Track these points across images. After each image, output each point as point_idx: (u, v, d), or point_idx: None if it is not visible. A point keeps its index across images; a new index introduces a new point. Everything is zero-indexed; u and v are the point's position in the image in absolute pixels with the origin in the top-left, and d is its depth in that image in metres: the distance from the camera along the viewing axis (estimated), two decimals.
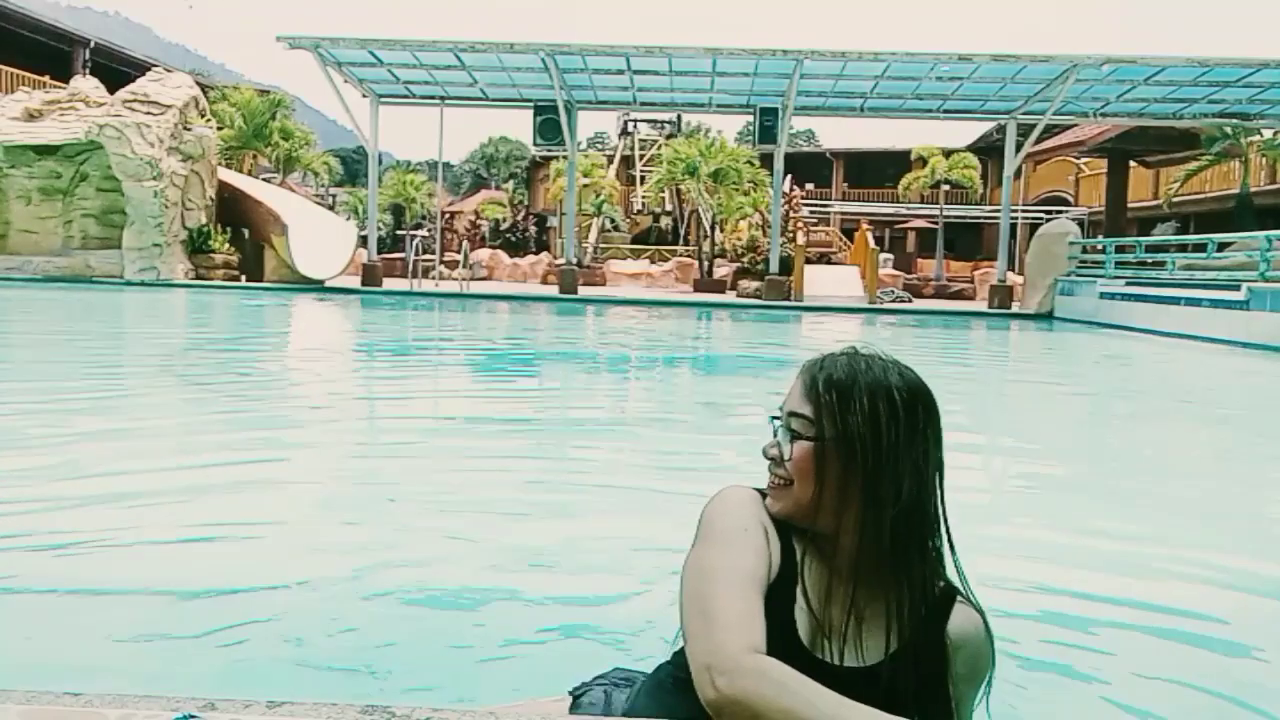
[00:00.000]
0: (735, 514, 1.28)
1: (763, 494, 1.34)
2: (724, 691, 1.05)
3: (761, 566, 1.23)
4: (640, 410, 7.35)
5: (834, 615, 1.28)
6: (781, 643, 1.17)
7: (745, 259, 26.08)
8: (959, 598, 1.34)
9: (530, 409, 7.02)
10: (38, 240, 20.94)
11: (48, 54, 27.89)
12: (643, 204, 37.85)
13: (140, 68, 27.24)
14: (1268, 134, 24.13)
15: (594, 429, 6.09)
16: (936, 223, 32.71)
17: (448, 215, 39.02)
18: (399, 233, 33.41)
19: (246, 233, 22.46)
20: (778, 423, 1.33)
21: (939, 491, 1.30)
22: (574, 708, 1.50)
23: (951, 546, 1.33)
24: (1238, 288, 13.57)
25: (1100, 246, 20.22)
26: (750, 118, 23.39)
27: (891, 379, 1.29)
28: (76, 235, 21.10)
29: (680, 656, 1.34)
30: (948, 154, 32.36)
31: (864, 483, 1.26)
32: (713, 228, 28.13)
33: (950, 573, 1.35)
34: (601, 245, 34.97)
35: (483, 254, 31.66)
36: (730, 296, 24.14)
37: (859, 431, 1.26)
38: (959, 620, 1.32)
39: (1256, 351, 12.53)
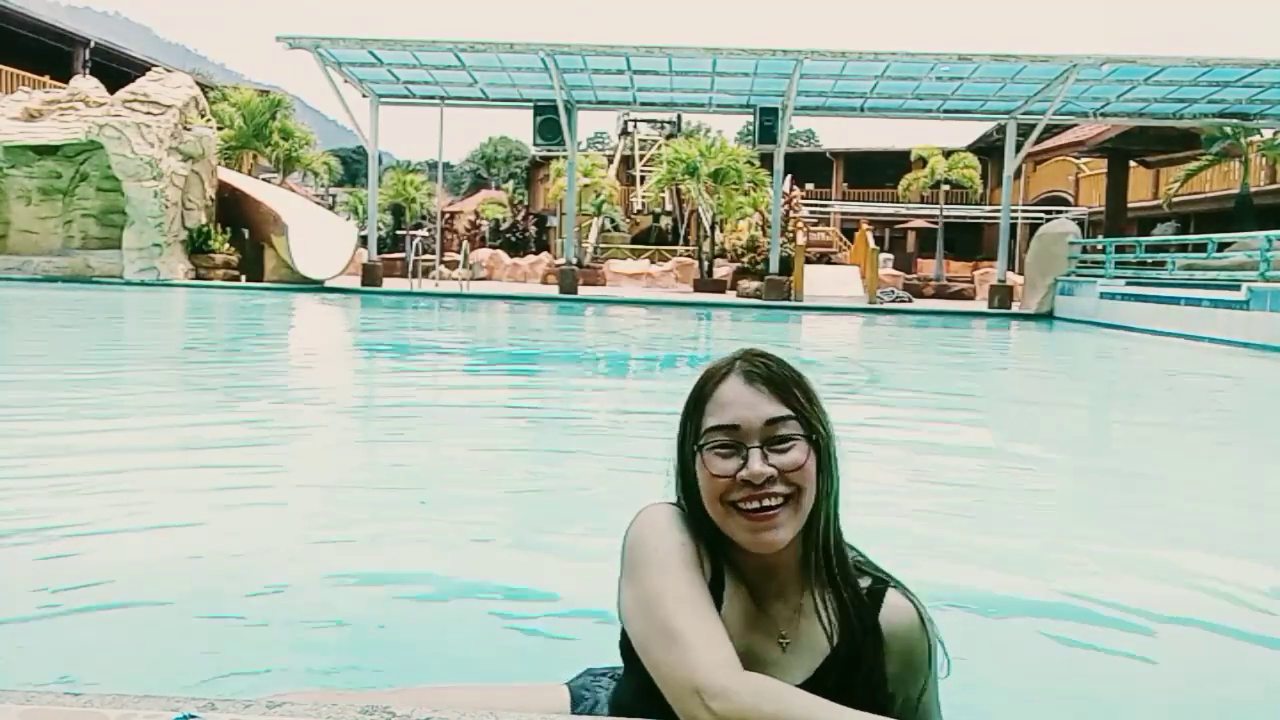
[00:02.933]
0: (667, 533, 1.22)
1: (682, 509, 1.28)
2: (720, 714, 1.01)
3: (703, 581, 1.19)
4: (639, 408, 7.34)
5: (755, 641, 1.24)
6: None
7: (745, 259, 26.09)
8: (891, 588, 1.30)
9: (531, 408, 7.01)
10: (38, 240, 20.96)
11: (48, 54, 27.90)
12: (643, 204, 37.86)
13: (140, 68, 27.26)
14: (1268, 134, 24.13)
15: (596, 427, 6.09)
16: (936, 223, 32.72)
17: (448, 215, 39.05)
18: (399, 233, 33.43)
19: (246, 233, 22.47)
20: (718, 440, 1.22)
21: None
22: (574, 705, 1.48)
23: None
24: (1238, 288, 13.57)
25: (1100, 246, 20.21)
26: (750, 118, 23.40)
27: (797, 367, 1.27)
28: (76, 235, 21.12)
29: (624, 681, 1.31)
30: (948, 154, 32.34)
31: (820, 477, 1.23)
32: (713, 228, 28.13)
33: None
34: (601, 245, 34.98)
35: (483, 254, 31.66)
36: (730, 296, 24.14)
37: (824, 421, 1.25)
38: (889, 613, 1.27)
39: (1257, 351, 12.53)
